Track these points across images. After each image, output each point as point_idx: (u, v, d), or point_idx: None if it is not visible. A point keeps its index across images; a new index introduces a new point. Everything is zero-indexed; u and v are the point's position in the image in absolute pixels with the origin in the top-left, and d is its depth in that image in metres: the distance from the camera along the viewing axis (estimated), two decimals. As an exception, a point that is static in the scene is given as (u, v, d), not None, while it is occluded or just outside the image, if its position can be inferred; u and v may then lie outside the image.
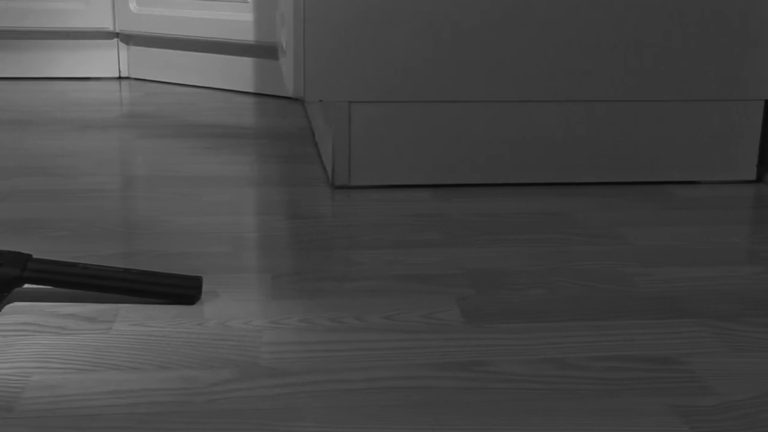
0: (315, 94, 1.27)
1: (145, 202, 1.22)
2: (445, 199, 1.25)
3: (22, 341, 0.79)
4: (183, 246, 1.05)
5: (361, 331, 0.82)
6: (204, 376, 0.72)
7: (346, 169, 1.30)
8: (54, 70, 2.40)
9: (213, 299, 0.88)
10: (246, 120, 1.87)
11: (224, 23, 2.15)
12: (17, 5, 2.31)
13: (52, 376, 0.72)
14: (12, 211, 1.18)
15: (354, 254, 1.02)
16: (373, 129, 1.29)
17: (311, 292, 0.91)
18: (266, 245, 1.06)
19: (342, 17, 1.24)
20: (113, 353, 0.76)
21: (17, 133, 1.68)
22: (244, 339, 0.79)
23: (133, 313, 0.85)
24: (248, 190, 1.30)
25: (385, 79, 1.27)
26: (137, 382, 0.71)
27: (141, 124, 1.79)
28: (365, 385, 0.71)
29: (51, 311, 0.85)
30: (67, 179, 1.34)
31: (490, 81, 1.28)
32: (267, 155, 1.53)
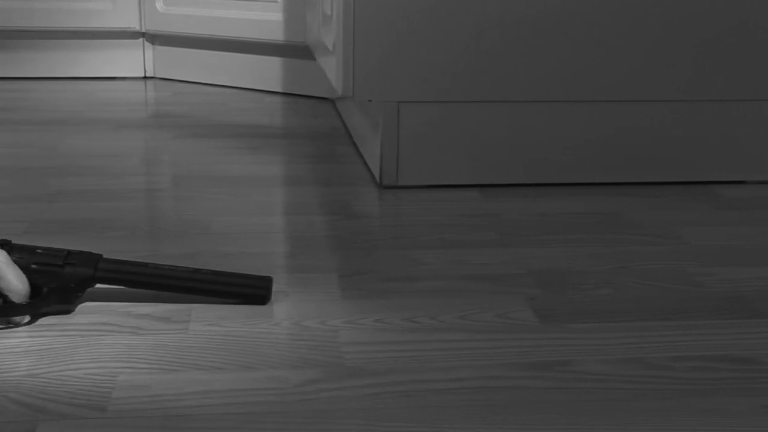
0: (364, 94, 1.27)
1: (196, 203, 1.22)
2: (494, 199, 1.25)
3: (102, 341, 0.78)
4: (242, 246, 1.05)
5: (437, 331, 0.82)
6: (291, 377, 0.72)
7: (394, 168, 1.30)
8: (79, 70, 2.40)
9: (283, 299, 0.88)
10: (279, 120, 1.87)
11: (253, 23, 2.15)
12: (44, 5, 2.31)
13: (138, 376, 0.72)
14: (64, 211, 1.18)
15: (416, 254, 1.02)
16: (421, 129, 1.29)
17: (380, 292, 0.91)
18: (325, 245, 1.05)
19: (392, 17, 1.24)
20: (194, 353, 0.76)
21: (55, 133, 1.68)
22: (322, 339, 0.79)
23: (206, 313, 0.85)
24: (295, 189, 1.30)
25: (434, 79, 1.27)
26: (225, 382, 0.71)
27: (175, 124, 1.78)
28: (453, 385, 0.71)
29: (124, 311, 0.85)
30: (113, 179, 1.34)
31: (539, 81, 1.28)
32: (306, 155, 1.53)
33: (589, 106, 1.30)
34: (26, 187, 1.29)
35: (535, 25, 1.26)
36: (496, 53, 1.27)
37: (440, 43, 1.26)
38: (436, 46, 1.26)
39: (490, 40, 1.26)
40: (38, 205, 1.20)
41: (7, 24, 2.31)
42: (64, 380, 0.71)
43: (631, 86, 1.29)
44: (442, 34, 1.25)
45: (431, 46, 1.26)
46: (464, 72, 1.27)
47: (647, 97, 1.30)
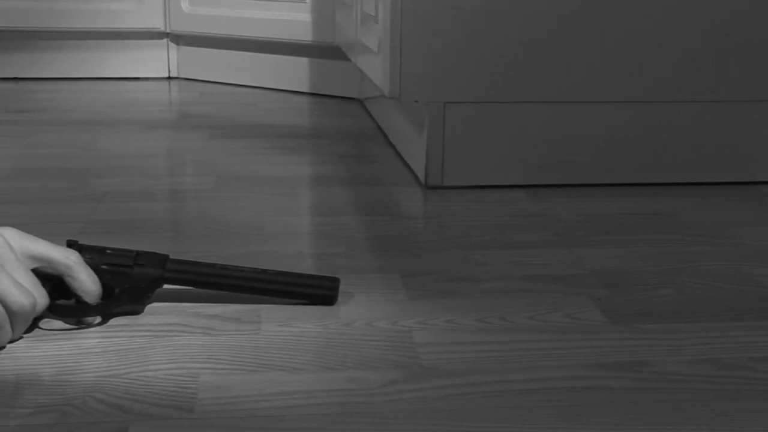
0: (411, 95, 1.27)
1: (243, 203, 1.22)
2: (541, 200, 1.25)
3: (176, 342, 0.78)
4: (298, 246, 1.05)
5: (509, 331, 0.82)
6: (371, 377, 0.72)
7: (439, 169, 1.29)
8: (103, 70, 2.40)
9: (349, 300, 0.88)
10: (311, 120, 1.87)
11: (280, 23, 2.15)
12: (69, 6, 2.31)
13: (219, 376, 0.72)
14: (114, 211, 1.18)
15: (473, 255, 1.02)
16: (466, 129, 1.29)
17: (445, 292, 0.91)
18: (380, 245, 1.05)
19: (439, 17, 1.24)
20: (271, 354, 0.76)
21: (90, 133, 1.68)
22: (396, 340, 0.79)
23: (275, 313, 0.85)
24: (341, 190, 1.30)
25: (480, 80, 1.27)
26: (306, 383, 0.71)
27: (207, 124, 1.78)
28: (535, 386, 0.71)
29: (193, 312, 0.85)
30: (157, 180, 1.34)
31: (584, 81, 1.28)
32: (345, 155, 1.53)
33: (633, 107, 1.30)
34: (72, 187, 1.29)
35: (580, 25, 1.26)
36: (542, 54, 1.27)
37: (486, 43, 1.26)
38: (482, 46, 1.26)
39: (535, 40, 1.26)
40: (87, 205, 1.20)
41: (32, 25, 2.31)
42: (146, 381, 0.71)
43: (675, 86, 1.29)
44: (489, 35, 1.25)
45: (477, 46, 1.26)
46: (510, 72, 1.27)
47: (692, 97, 1.30)
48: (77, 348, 0.77)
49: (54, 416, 0.66)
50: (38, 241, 0.81)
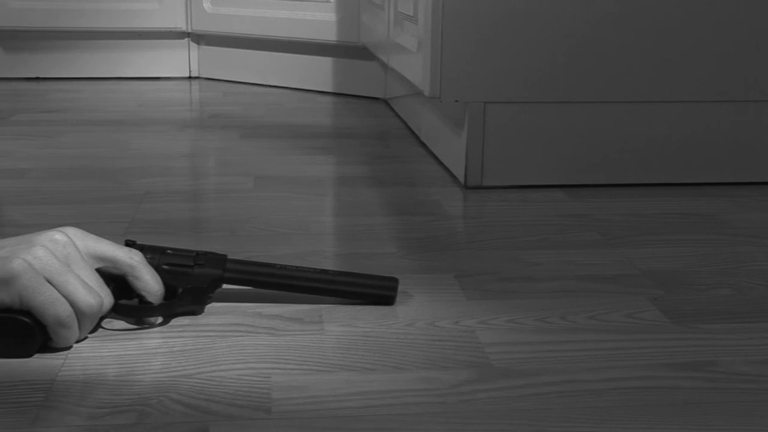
0: (451, 95, 1.27)
1: (286, 203, 1.22)
2: (581, 199, 1.25)
3: (241, 342, 0.78)
4: (348, 247, 1.05)
5: (571, 331, 0.82)
6: (443, 377, 0.72)
7: (479, 169, 1.29)
8: (124, 70, 2.40)
9: (407, 300, 0.88)
10: (339, 120, 1.87)
11: (304, 23, 2.15)
12: (91, 6, 2.31)
13: (290, 377, 0.72)
14: (157, 211, 1.17)
15: (524, 254, 1.02)
16: (505, 129, 1.29)
17: (503, 292, 0.91)
18: (429, 246, 1.05)
19: (479, 18, 1.24)
20: (339, 354, 0.76)
21: (121, 133, 1.68)
22: (462, 340, 0.79)
23: (336, 313, 0.85)
24: (380, 190, 1.30)
25: (520, 80, 1.27)
26: (379, 383, 0.71)
27: (236, 124, 1.78)
28: (609, 386, 0.71)
29: (253, 312, 0.85)
30: (195, 179, 1.34)
31: (623, 82, 1.28)
32: (379, 155, 1.53)
33: (671, 106, 1.30)
34: (112, 187, 1.29)
35: (619, 25, 1.26)
36: (582, 54, 1.27)
37: (526, 43, 1.26)
38: (522, 46, 1.26)
39: (575, 40, 1.26)
40: (129, 205, 1.20)
41: (54, 25, 2.31)
42: (218, 381, 0.71)
43: (714, 86, 1.29)
44: (529, 35, 1.25)
45: (517, 46, 1.26)
46: (550, 72, 1.27)
47: (731, 97, 1.30)
48: (143, 348, 0.77)
49: (133, 416, 0.65)
50: (101, 240, 0.81)
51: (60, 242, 0.77)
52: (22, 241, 0.76)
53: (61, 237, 0.77)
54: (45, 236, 0.77)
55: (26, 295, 0.73)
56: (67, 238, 0.77)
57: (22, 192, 1.25)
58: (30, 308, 0.73)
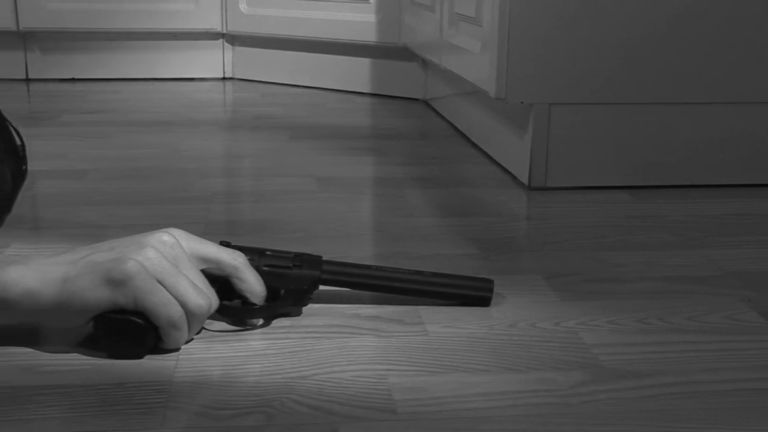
0: (517, 96, 1.27)
1: (354, 204, 1.22)
2: (647, 201, 1.25)
3: (348, 343, 0.79)
4: (427, 248, 1.05)
5: (673, 332, 0.82)
6: (558, 378, 0.72)
7: (543, 170, 1.30)
8: (159, 71, 2.40)
9: (501, 301, 0.88)
10: (383, 121, 1.87)
11: (343, 24, 2.15)
12: (127, 7, 2.31)
13: (406, 378, 0.72)
14: (229, 212, 1.18)
15: (605, 255, 1.02)
16: (570, 130, 1.29)
17: (594, 293, 0.91)
18: (508, 247, 1.06)
19: (545, 19, 1.24)
20: (448, 355, 0.76)
21: (171, 134, 1.68)
22: (567, 341, 0.80)
23: (434, 315, 0.85)
24: (443, 191, 1.30)
25: (584, 81, 1.27)
26: (496, 384, 0.71)
27: (282, 125, 1.78)
28: (726, 387, 0.71)
29: (351, 313, 0.85)
30: (258, 180, 1.34)
31: (687, 83, 1.28)
32: (432, 156, 1.53)
33: (735, 107, 1.30)
34: (177, 188, 1.29)
35: (683, 27, 1.26)
36: (645, 55, 1.27)
37: (591, 45, 1.26)
38: (587, 48, 1.26)
39: (640, 41, 1.26)
40: (200, 206, 1.20)
41: (91, 26, 2.31)
42: (336, 382, 0.71)
43: (779, 88, 1.30)
44: (594, 36, 1.26)
45: (582, 48, 1.26)
46: (615, 74, 1.27)
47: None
48: (251, 349, 0.77)
49: (260, 418, 0.66)
50: (205, 242, 0.81)
51: (168, 244, 0.77)
52: (131, 243, 0.76)
53: (169, 238, 0.77)
54: (154, 238, 0.77)
55: (140, 296, 0.73)
56: (174, 239, 0.78)
57: (88, 193, 1.26)
58: (143, 309, 0.74)
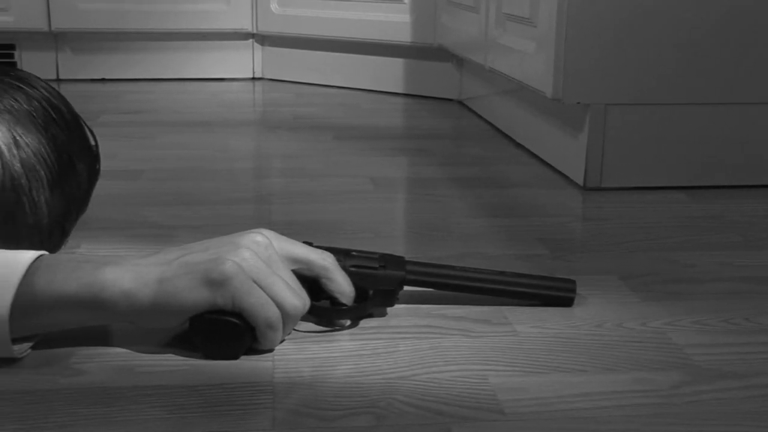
0: (574, 97, 1.27)
1: (414, 204, 1.23)
2: (704, 201, 1.25)
3: (441, 343, 0.79)
4: (496, 248, 1.05)
5: (762, 333, 0.82)
6: (657, 378, 0.72)
7: (599, 170, 1.30)
8: (189, 71, 2.40)
9: (582, 301, 0.88)
10: (423, 121, 1.87)
11: (377, 24, 2.15)
12: (159, 8, 2.32)
13: (506, 378, 0.72)
14: (290, 213, 1.18)
15: (675, 256, 1.02)
16: (626, 131, 1.29)
17: (673, 293, 0.91)
18: (576, 247, 1.06)
19: (602, 20, 1.24)
20: (542, 356, 0.76)
21: (214, 134, 1.68)
22: (657, 341, 0.80)
23: (519, 315, 0.85)
24: (499, 191, 1.30)
25: (641, 82, 1.27)
26: (596, 384, 0.71)
27: (324, 125, 1.78)
28: (827, 387, 0.71)
29: (437, 314, 0.85)
30: (312, 180, 1.34)
31: (743, 83, 1.28)
32: (479, 156, 1.53)
33: (790, 108, 1.31)
34: (233, 188, 1.29)
35: (740, 27, 1.26)
36: (701, 55, 1.27)
37: (648, 45, 1.26)
38: (644, 47, 1.26)
39: (697, 41, 1.26)
40: (259, 206, 1.20)
41: (122, 26, 2.31)
42: (437, 382, 0.71)
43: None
44: (650, 37, 1.26)
45: (639, 48, 1.26)
46: (672, 74, 1.27)
47: None
48: (345, 350, 0.77)
49: (369, 418, 0.66)
50: (294, 242, 0.81)
51: (262, 244, 0.77)
52: (225, 243, 0.76)
53: (263, 239, 0.77)
54: (248, 238, 0.77)
55: (238, 297, 0.73)
56: (267, 240, 0.78)
57: (147, 193, 1.26)
58: (241, 310, 0.74)
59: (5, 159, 0.83)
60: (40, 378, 0.72)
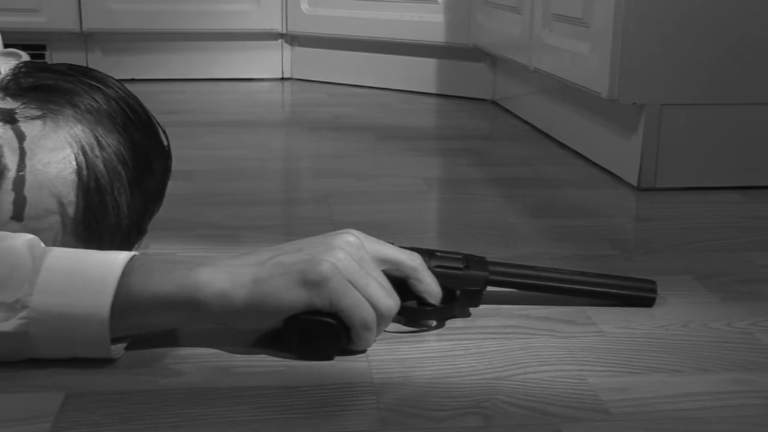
0: (630, 97, 1.27)
1: (473, 204, 1.23)
2: (761, 201, 1.25)
3: (530, 344, 0.79)
4: (563, 248, 1.05)
5: None
6: (755, 379, 0.72)
7: (653, 171, 1.30)
8: (217, 71, 2.40)
9: (663, 302, 0.88)
10: (462, 121, 1.87)
11: (410, 24, 2.15)
12: (189, 8, 2.32)
13: (603, 378, 0.72)
14: (350, 213, 1.17)
15: (745, 256, 1.02)
16: (681, 131, 1.29)
17: (752, 294, 0.91)
18: (644, 247, 1.06)
19: (658, 21, 1.24)
20: (636, 355, 0.76)
21: (256, 134, 1.68)
22: (745, 341, 0.80)
23: (602, 315, 0.85)
24: (555, 191, 1.30)
25: (697, 82, 1.27)
26: (696, 384, 0.71)
27: (363, 126, 1.78)
28: None
29: (520, 314, 0.85)
30: (365, 180, 1.34)
31: (798, 83, 1.29)
32: (526, 156, 1.53)
33: (843, 108, 1.31)
34: (289, 188, 1.29)
35: (797, 27, 1.27)
36: (758, 55, 1.27)
37: (704, 44, 1.26)
38: (700, 48, 1.26)
39: (752, 42, 1.26)
40: (319, 206, 1.20)
41: (153, 27, 2.31)
42: (536, 383, 0.71)
43: None
44: (707, 36, 1.26)
45: (696, 48, 1.26)
46: (727, 73, 1.27)
47: None
48: (437, 350, 0.77)
49: (478, 419, 0.66)
50: (383, 243, 0.81)
51: (354, 245, 0.77)
52: (318, 243, 0.76)
53: (354, 240, 0.77)
54: (340, 239, 0.77)
55: (336, 298, 0.73)
56: (359, 240, 0.78)
57: (203, 194, 1.26)
58: (338, 311, 0.74)
59: (89, 160, 0.83)
60: (138, 378, 0.72)
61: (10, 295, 0.70)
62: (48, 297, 0.71)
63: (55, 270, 0.72)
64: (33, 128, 0.83)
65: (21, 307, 0.70)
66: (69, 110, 0.85)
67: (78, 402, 0.68)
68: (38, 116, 0.84)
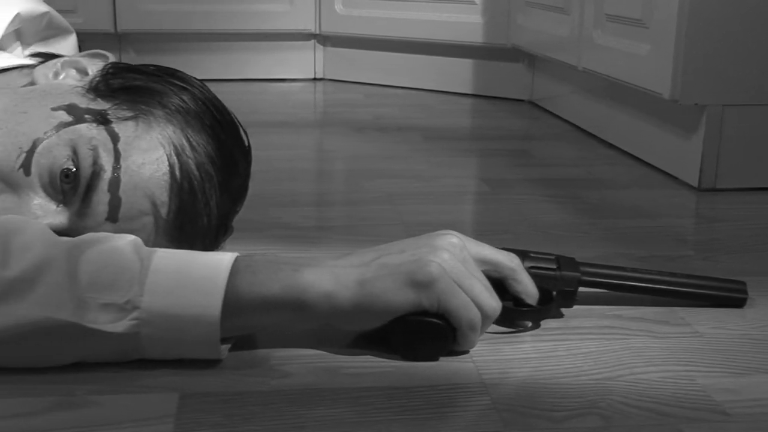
0: (691, 98, 1.27)
1: (536, 205, 1.23)
2: (823, 202, 1.26)
3: (631, 344, 0.79)
4: (640, 248, 1.05)
5: None
6: None
7: (713, 171, 1.30)
8: (249, 71, 2.41)
9: (752, 303, 0.88)
10: (504, 122, 1.87)
11: (447, 25, 2.15)
12: (223, 8, 2.32)
13: (714, 379, 0.72)
14: (417, 213, 1.17)
15: (822, 257, 1.03)
16: (742, 131, 1.29)
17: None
18: (715, 248, 1.06)
19: (719, 21, 1.25)
20: (739, 356, 0.77)
21: (304, 135, 1.68)
22: (844, 342, 0.80)
23: (695, 316, 0.85)
24: (615, 192, 1.30)
25: (758, 82, 1.27)
26: (806, 385, 0.72)
27: (408, 126, 1.79)
28: None
29: (612, 315, 0.85)
30: (424, 181, 1.34)
31: None
32: (577, 157, 1.53)
33: None
34: (348, 189, 1.29)
35: None
36: (818, 56, 1.27)
37: (765, 45, 1.26)
38: (762, 48, 1.26)
39: (814, 42, 1.27)
40: (386, 207, 1.20)
41: (186, 27, 2.31)
42: (646, 383, 0.71)
43: None
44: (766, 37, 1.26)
45: (757, 48, 1.26)
46: (788, 75, 1.28)
47: None
48: (539, 351, 0.77)
49: (596, 419, 0.66)
50: (481, 244, 0.81)
51: (457, 246, 0.77)
52: (421, 244, 0.76)
53: (457, 241, 0.77)
54: (444, 240, 0.77)
55: (444, 299, 0.73)
56: (461, 241, 0.78)
57: (268, 194, 1.25)
58: (446, 312, 0.74)
59: (182, 161, 0.83)
60: (248, 380, 0.72)
61: (121, 296, 0.70)
62: (158, 298, 0.71)
63: (164, 271, 0.72)
64: (126, 129, 0.83)
65: (132, 308, 0.70)
66: (160, 111, 0.85)
67: (194, 403, 0.68)
68: (130, 117, 0.84)
